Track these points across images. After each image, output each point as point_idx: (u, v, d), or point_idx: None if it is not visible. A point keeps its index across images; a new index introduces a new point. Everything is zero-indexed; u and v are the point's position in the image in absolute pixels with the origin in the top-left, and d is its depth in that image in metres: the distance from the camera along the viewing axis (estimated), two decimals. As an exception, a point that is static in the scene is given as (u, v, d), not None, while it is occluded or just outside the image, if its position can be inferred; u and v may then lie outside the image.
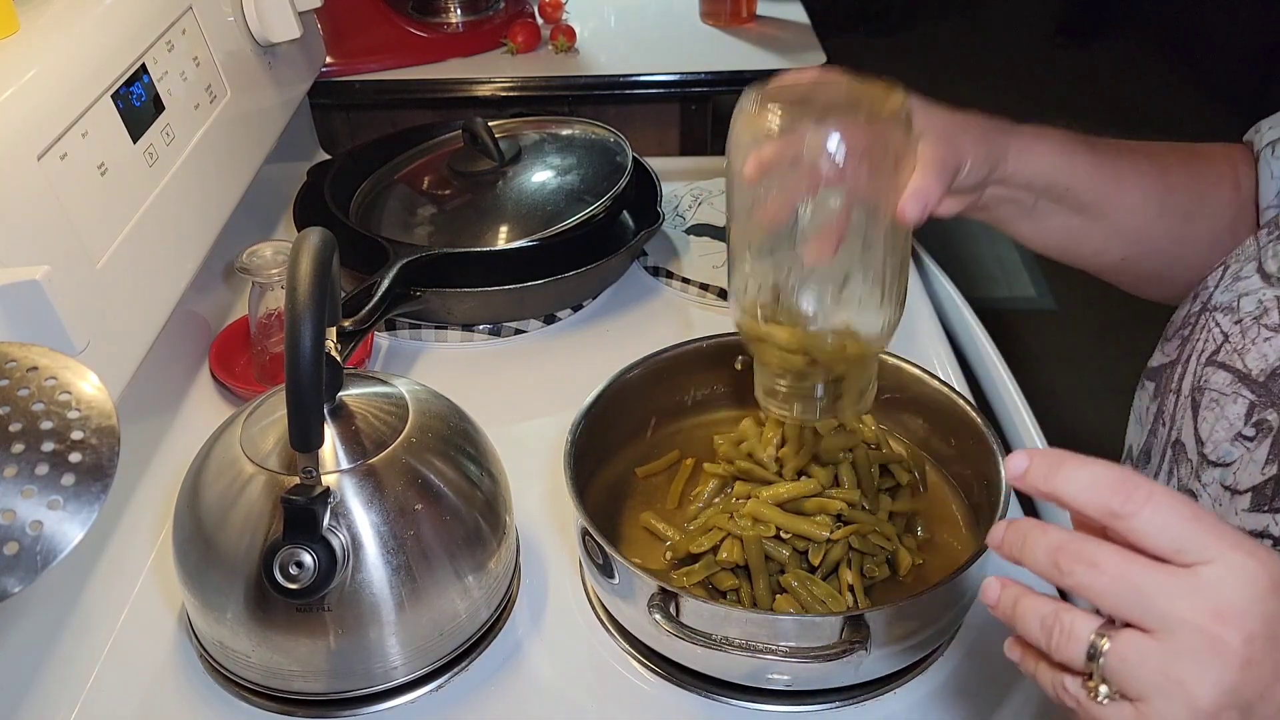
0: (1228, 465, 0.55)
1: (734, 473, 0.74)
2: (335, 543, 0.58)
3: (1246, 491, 0.53)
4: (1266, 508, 0.51)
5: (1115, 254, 0.71)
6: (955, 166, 0.59)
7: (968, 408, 0.71)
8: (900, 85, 0.57)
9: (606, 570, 0.63)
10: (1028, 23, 3.94)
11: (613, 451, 0.78)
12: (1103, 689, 0.38)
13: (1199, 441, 0.58)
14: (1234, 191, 0.71)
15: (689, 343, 0.79)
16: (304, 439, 0.56)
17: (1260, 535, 0.51)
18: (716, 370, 0.80)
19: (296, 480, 0.58)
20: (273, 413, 0.63)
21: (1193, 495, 0.57)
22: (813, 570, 0.67)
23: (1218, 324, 0.59)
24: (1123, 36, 3.80)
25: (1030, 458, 0.40)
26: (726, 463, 0.74)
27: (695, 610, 0.59)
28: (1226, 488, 0.55)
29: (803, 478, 0.71)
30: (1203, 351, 0.60)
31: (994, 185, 0.64)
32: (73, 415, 0.46)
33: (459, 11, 1.44)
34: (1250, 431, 0.54)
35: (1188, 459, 0.59)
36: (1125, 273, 0.73)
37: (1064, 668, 0.39)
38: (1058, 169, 0.66)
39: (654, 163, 1.07)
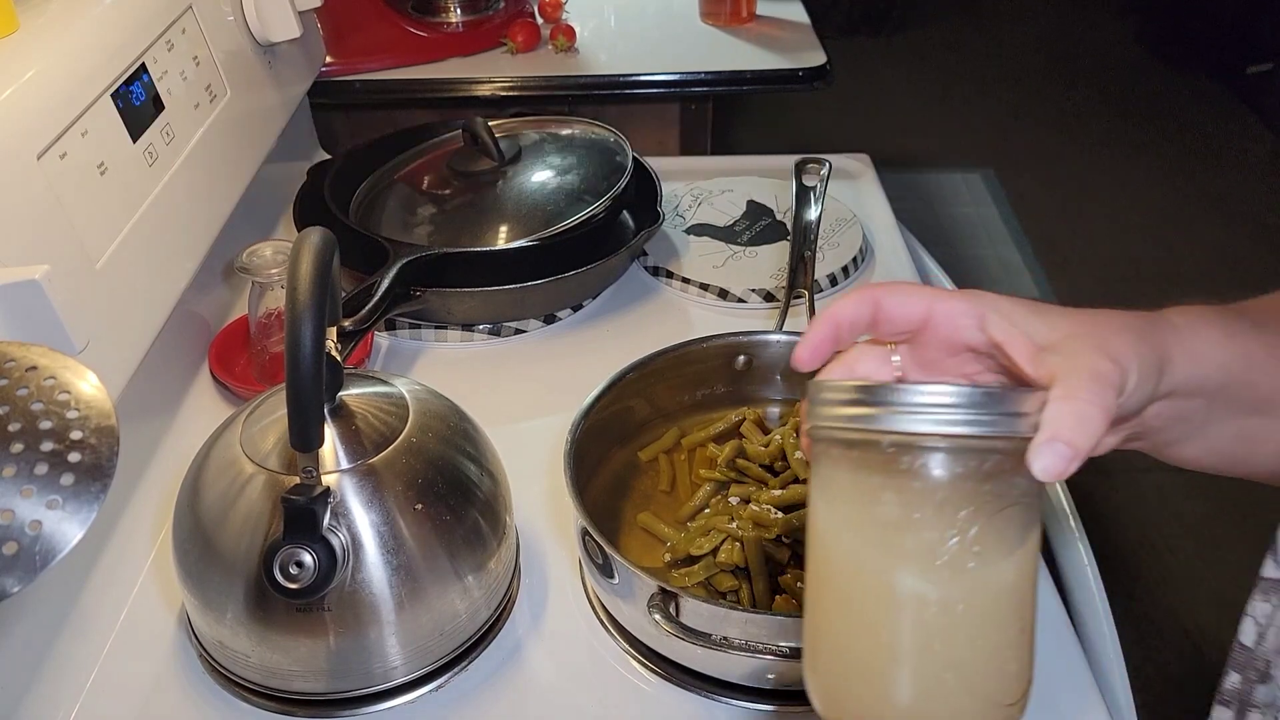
0: None
1: (730, 476, 0.74)
2: (335, 542, 0.58)
3: None
4: None
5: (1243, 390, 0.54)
6: (1118, 382, 0.41)
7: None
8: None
9: (606, 570, 0.63)
10: (1026, 23, 3.94)
11: (613, 451, 0.78)
12: None
13: None
14: None
15: (689, 343, 0.79)
16: (304, 439, 0.55)
17: None
18: (716, 370, 0.80)
19: (296, 480, 0.58)
20: (273, 412, 0.63)
21: None
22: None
23: None
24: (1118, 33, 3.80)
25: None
26: (726, 466, 0.74)
27: (695, 610, 0.59)
28: None
29: (799, 482, 0.71)
30: None
31: (1160, 401, 0.46)
32: (72, 415, 0.46)
33: (459, 11, 1.44)
34: None
35: None
36: None
37: None
38: (1233, 361, 0.49)
39: (654, 163, 1.07)
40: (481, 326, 0.95)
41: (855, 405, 0.39)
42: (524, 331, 0.96)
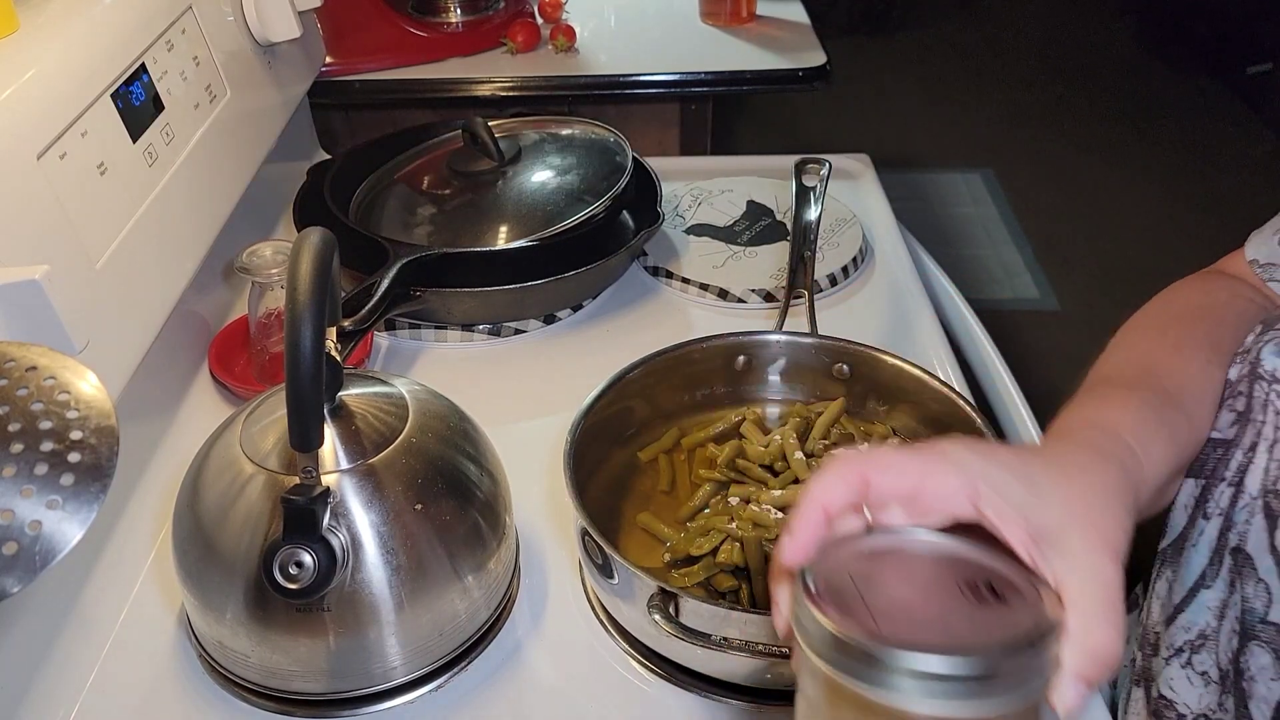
0: None
1: (730, 476, 0.74)
2: (335, 543, 0.58)
3: None
4: None
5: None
6: (1123, 585, 0.41)
7: (968, 408, 0.71)
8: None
9: (606, 570, 0.63)
10: (1026, 23, 3.94)
11: (613, 451, 0.77)
12: None
13: (1277, 553, 0.48)
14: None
15: (689, 343, 0.79)
16: (304, 439, 0.55)
17: None
18: (716, 370, 0.80)
19: (296, 480, 0.58)
20: (273, 412, 0.63)
21: (1274, 627, 0.48)
22: (813, 570, 0.67)
23: None
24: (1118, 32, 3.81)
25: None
26: (726, 466, 0.74)
27: (695, 611, 0.59)
28: None
29: (799, 483, 0.71)
30: (1275, 442, 0.49)
31: None
32: (71, 415, 0.46)
33: (459, 11, 1.44)
34: None
35: (1258, 576, 0.49)
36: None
37: None
38: (1166, 464, 0.50)
39: (654, 163, 1.07)
40: (481, 326, 0.95)
41: (848, 656, 0.33)
42: (524, 331, 0.96)
